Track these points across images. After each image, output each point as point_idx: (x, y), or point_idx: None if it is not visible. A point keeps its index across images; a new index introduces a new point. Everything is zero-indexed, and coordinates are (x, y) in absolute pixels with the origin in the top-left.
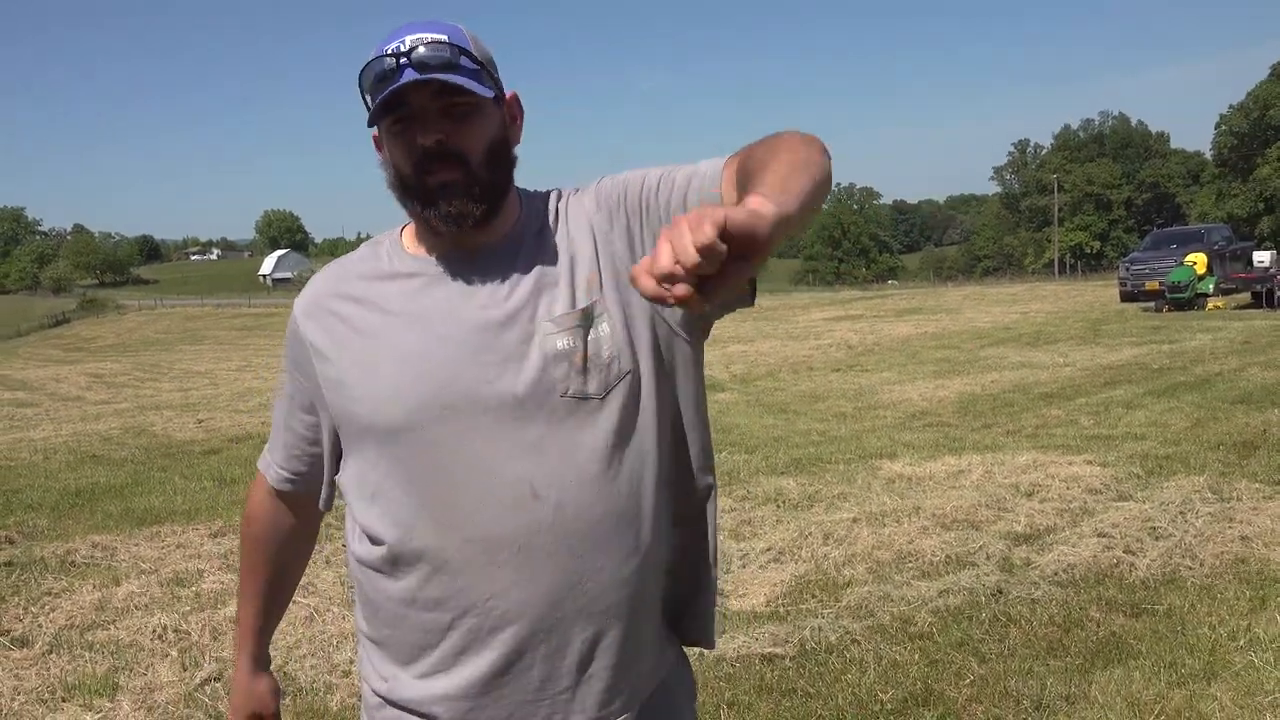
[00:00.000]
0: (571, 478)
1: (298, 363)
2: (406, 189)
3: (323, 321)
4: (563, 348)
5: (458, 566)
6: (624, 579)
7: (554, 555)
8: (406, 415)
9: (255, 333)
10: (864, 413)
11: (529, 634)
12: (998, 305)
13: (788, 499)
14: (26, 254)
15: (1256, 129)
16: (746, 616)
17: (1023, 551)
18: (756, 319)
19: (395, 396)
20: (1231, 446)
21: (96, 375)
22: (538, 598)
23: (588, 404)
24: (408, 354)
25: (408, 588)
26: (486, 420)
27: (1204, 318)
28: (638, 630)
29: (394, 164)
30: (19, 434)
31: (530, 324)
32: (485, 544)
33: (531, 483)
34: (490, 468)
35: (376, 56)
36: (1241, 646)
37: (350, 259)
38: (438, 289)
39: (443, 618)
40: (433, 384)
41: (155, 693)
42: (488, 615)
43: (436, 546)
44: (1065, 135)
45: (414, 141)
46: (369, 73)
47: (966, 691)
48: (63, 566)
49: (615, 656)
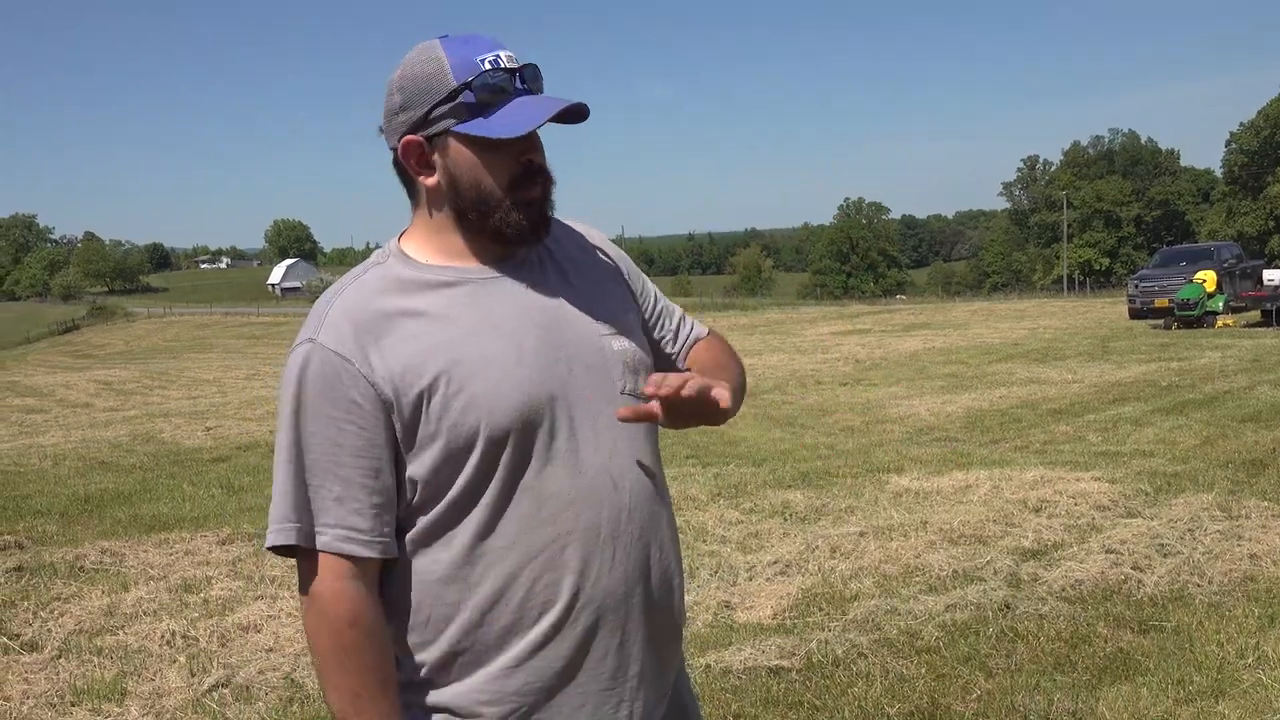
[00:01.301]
0: (637, 470)
1: (346, 398)
2: (490, 203)
3: (380, 341)
4: (618, 349)
5: (549, 561)
6: (672, 562)
7: (633, 542)
8: (511, 419)
9: (264, 341)
10: (871, 427)
11: (609, 621)
12: (1006, 321)
13: (795, 512)
14: (37, 261)
15: (1267, 147)
16: (753, 629)
17: (1030, 567)
18: (764, 332)
19: (501, 397)
20: (1240, 464)
21: (105, 382)
22: (616, 584)
23: (637, 402)
24: (496, 356)
25: (491, 590)
26: (568, 417)
27: (1213, 335)
28: (679, 611)
29: (475, 179)
30: (28, 440)
31: (589, 327)
32: (580, 533)
33: (611, 474)
34: (578, 462)
35: (478, 71)
36: (1250, 664)
37: (363, 280)
38: (488, 295)
39: (529, 613)
40: (530, 385)
41: (163, 698)
42: (572, 606)
43: (536, 543)
44: (1075, 152)
45: (522, 158)
46: (479, 82)
47: (973, 706)
48: (72, 572)
49: (668, 638)
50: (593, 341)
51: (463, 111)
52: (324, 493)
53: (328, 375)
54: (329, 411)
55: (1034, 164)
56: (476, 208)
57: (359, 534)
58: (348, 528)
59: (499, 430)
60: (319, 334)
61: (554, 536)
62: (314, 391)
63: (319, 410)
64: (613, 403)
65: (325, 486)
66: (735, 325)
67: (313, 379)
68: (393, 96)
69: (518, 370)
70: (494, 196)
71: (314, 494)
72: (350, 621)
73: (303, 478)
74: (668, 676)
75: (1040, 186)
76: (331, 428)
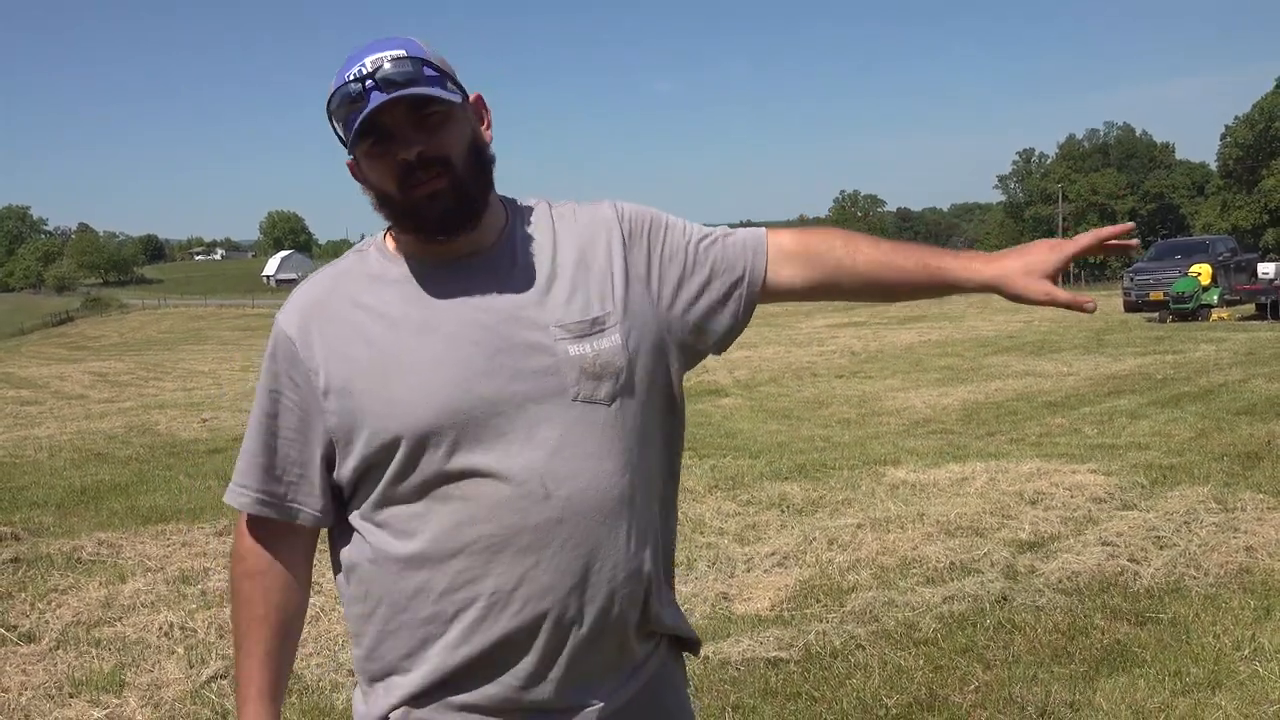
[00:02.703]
0: (584, 479)
1: (286, 375)
2: (394, 207)
3: (324, 330)
4: (576, 354)
5: (475, 563)
6: (629, 564)
7: (565, 548)
8: (432, 421)
9: (259, 333)
10: (868, 419)
11: (550, 621)
12: (1001, 314)
13: (792, 504)
14: (31, 252)
15: (1262, 140)
16: (751, 620)
17: (1027, 559)
18: (760, 325)
19: (419, 403)
20: (1235, 457)
21: (100, 374)
22: (553, 588)
23: (596, 408)
24: (425, 360)
25: (430, 583)
26: (501, 422)
27: (1208, 329)
28: (628, 624)
29: (378, 186)
30: (23, 432)
31: (539, 328)
32: (500, 539)
33: (544, 483)
34: (504, 470)
35: (341, 84)
36: (1246, 656)
37: (338, 266)
38: (440, 293)
39: (465, 611)
40: (455, 389)
41: (162, 689)
42: (507, 607)
43: (457, 545)
44: (1070, 145)
45: (395, 158)
46: (336, 100)
47: (971, 697)
48: (69, 563)
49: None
50: (543, 345)
51: (342, 129)
52: (249, 455)
53: (278, 353)
54: (272, 384)
55: (1029, 157)
56: (394, 220)
57: (250, 491)
58: (259, 491)
59: (418, 433)
60: (281, 313)
61: (472, 539)
62: (268, 365)
63: (265, 382)
64: (562, 409)
65: (252, 449)
66: None
67: (269, 353)
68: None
69: (445, 372)
70: (393, 201)
71: (245, 454)
72: (239, 556)
73: (245, 440)
74: (597, 692)
75: (1035, 179)
76: (271, 400)
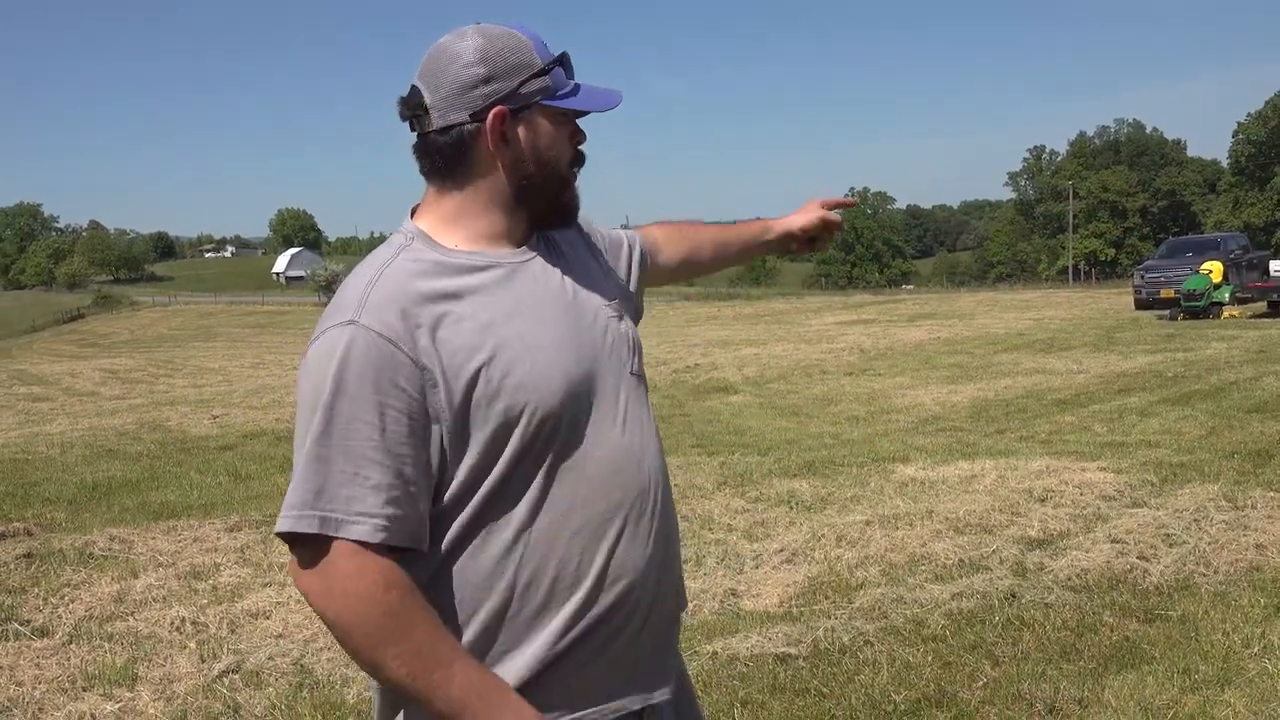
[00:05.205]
0: (652, 447)
1: (389, 381)
2: (546, 181)
3: (426, 324)
4: (624, 329)
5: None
6: (678, 537)
7: (655, 518)
8: (558, 400)
9: (269, 330)
10: (876, 416)
11: (633, 599)
12: (1011, 311)
13: (800, 501)
14: (42, 250)
15: (1274, 137)
16: (760, 616)
17: (1036, 556)
18: (769, 322)
19: (549, 383)
20: (1246, 455)
21: (111, 371)
22: (640, 560)
23: (641, 383)
24: (538, 340)
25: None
26: (598, 398)
27: (1219, 326)
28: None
29: (544, 152)
30: (35, 428)
31: (601, 306)
32: (615, 512)
33: (633, 452)
34: (610, 441)
35: (553, 56)
36: (1255, 653)
37: (392, 264)
38: (521, 278)
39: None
40: (573, 366)
41: (174, 683)
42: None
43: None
44: (1081, 142)
45: (572, 141)
46: (565, 60)
47: (979, 694)
48: (81, 558)
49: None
50: (606, 322)
51: (549, 88)
52: (360, 480)
53: (373, 359)
54: (373, 396)
55: (1040, 154)
56: (549, 182)
57: (395, 524)
58: (386, 517)
59: (548, 412)
60: (361, 316)
61: (592, 516)
62: (357, 374)
63: (361, 394)
64: (625, 382)
65: (362, 474)
66: (740, 315)
67: (356, 362)
68: (472, 69)
69: (559, 352)
70: (564, 172)
71: (348, 481)
72: (385, 586)
73: (333, 464)
74: (677, 653)
75: (1046, 177)
76: (374, 413)
